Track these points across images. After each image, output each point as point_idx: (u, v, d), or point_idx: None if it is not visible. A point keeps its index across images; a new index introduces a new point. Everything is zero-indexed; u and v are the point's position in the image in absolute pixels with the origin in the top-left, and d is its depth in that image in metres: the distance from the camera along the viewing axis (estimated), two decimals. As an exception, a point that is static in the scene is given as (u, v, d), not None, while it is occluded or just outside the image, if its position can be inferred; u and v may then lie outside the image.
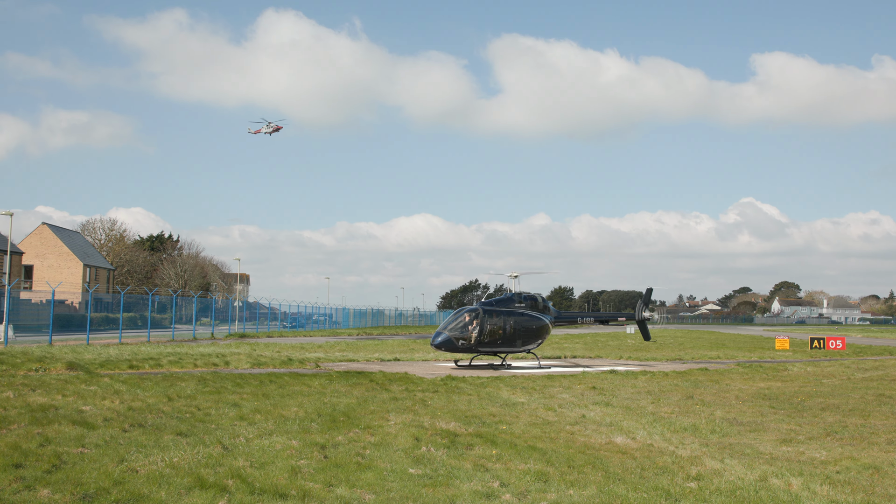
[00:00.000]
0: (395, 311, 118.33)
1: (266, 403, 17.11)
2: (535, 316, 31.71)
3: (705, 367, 30.78)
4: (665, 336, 72.19)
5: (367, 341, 51.73)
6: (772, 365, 32.74)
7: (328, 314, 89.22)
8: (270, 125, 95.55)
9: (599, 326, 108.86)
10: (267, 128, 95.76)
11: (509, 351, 31.50)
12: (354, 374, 24.54)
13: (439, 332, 30.41)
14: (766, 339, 68.25)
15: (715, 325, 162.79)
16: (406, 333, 76.21)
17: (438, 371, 28.14)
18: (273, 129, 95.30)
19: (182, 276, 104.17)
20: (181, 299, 66.44)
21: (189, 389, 19.09)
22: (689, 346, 52.05)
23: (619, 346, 49.65)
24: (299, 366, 28.15)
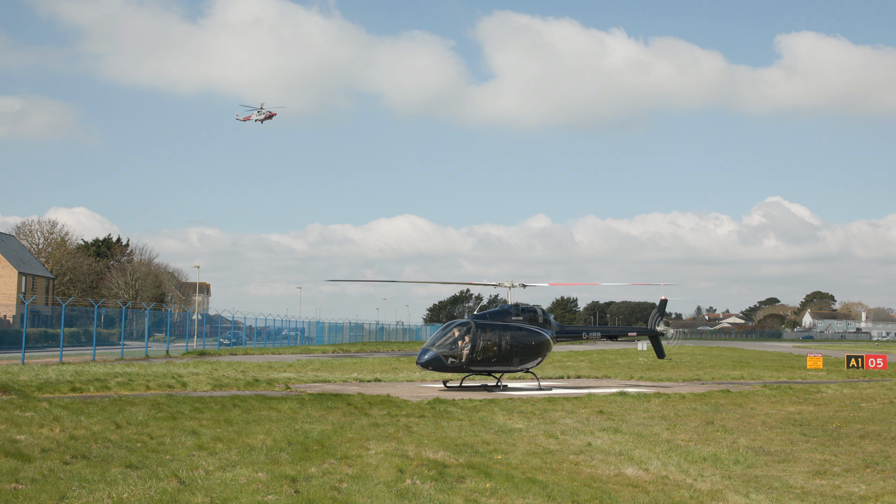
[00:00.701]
0: (375, 324, 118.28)
1: (229, 431, 17.02)
2: (534, 331, 31.71)
3: (727, 389, 30.87)
4: (682, 353, 72.39)
5: (345, 359, 51.64)
6: (803, 386, 32.86)
7: (300, 329, 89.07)
8: (262, 111, 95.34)
9: (607, 342, 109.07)
10: (258, 114, 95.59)
11: (505, 370, 31.45)
12: (330, 396, 24.47)
13: (426, 348, 30.36)
14: (796, 356, 68.52)
15: (738, 340, 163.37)
16: (388, 350, 76.05)
17: (425, 393, 28.08)
18: (266, 116, 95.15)
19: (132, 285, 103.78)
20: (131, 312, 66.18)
21: (140, 415, 18.98)
22: (708, 364, 52.18)
23: (629, 365, 49.72)
24: (267, 387, 28.04)
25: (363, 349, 76.25)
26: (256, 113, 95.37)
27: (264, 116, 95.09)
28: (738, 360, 60.78)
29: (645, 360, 55.90)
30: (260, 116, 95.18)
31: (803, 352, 79.43)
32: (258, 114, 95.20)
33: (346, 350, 71.86)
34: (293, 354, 60.65)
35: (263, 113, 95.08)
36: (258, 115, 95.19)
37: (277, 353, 63.09)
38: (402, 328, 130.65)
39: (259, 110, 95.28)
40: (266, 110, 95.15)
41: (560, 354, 64.82)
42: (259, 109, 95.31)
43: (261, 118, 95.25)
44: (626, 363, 52.32)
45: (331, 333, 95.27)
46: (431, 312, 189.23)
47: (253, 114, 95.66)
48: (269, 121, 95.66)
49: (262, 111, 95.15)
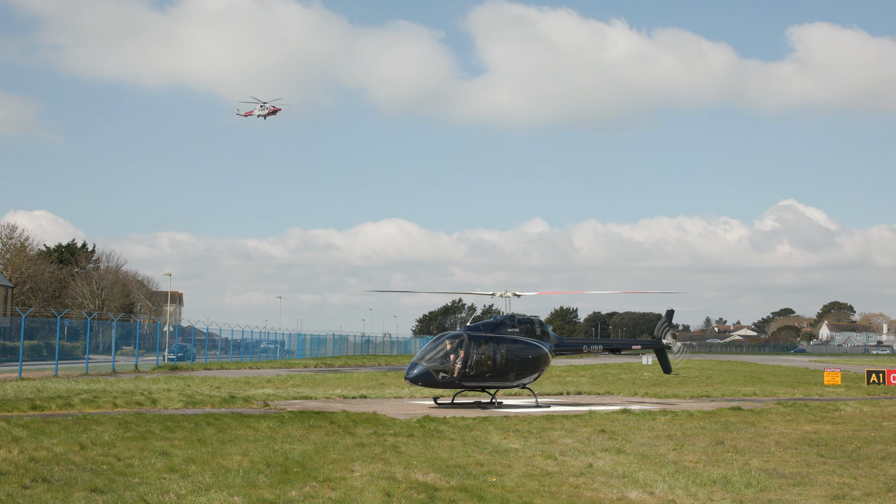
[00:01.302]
0: (361, 337, 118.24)
1: (202, 451, 16.98)
2: (531, 343, 31.72)
3: (738, 406, 30.92)
4: (689, 368, 72.51)
5: (328, 374, 51.58)
6: (820, 404, 32.94)
7: (279, 341, 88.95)
8: (265, 106, 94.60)
9: (610, 356, 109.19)
10: (260, 109, 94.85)
11: (500, 386, 31.44)
12: (312, 414, 24.44)
13: (415, 362, 30.34)
14: (812, 371, 68.70)
15: (750, 354, 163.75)
16: (375, 365, 75.98)
17: (414, 410, 28.06)
18: (269, 112, 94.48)
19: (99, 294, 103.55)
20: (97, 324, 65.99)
21: (107, 435, 18.92)
22: (718, 380, 52.27)
23: (633, 381, 49.77)
24: (244, 405, 28.00)
25: (348, 363, 76.16)
26: (259, 108, 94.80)
27: (267, 112, 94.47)
28: (749, 375, 60.89)
29: (650, 376, 55.97)
30: (263, 112, 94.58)
31: (820, 366, 79.65)
32: (261, 108, 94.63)
33: (329, 364, 71.76)
34: (272, 369, 60.54)
35: (267, 108, 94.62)
36: (261, 109, 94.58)
37: (255, 367, 62.98)
38: (390, 341, 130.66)
39: (262, 105, 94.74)
40: (270, 105, 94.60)
41: (559, 369, 64.87)
42: (262, 104, 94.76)
43: (263, 113, 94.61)
44: (629, 378, 52.38)
45: (313, 346, 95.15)
46: (421, 324, 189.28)
47: (255, 108, 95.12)
48: (272, 115, 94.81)
49: (266, 106, 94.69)
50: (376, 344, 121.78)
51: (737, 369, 72.30)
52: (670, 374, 42.08)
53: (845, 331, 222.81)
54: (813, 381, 52.32)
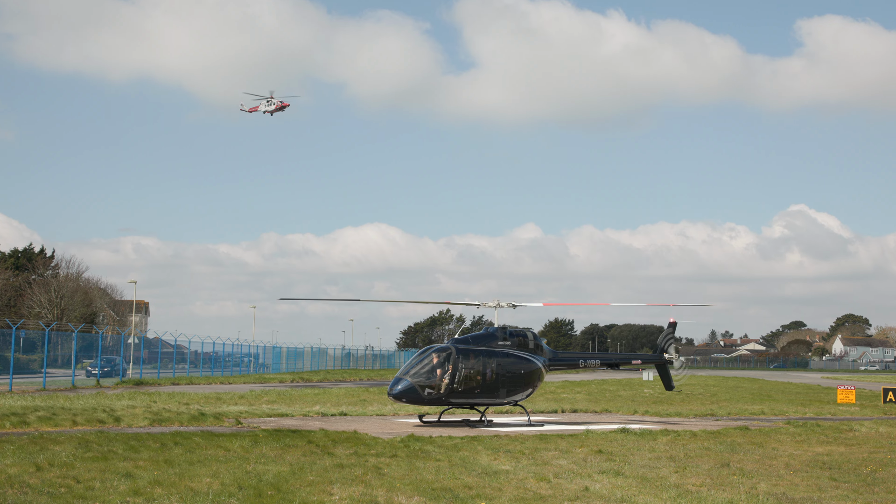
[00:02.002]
0: (341, 350, 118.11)
1: (169, 473, 16.94)
2: (524, 357, 31.74)
3: (745, 426, 31.00)
4: (693, 384, 72.66)
5: (305, 390, 51.50)
6: (833, 424, 33.04)
7: (253, 354, 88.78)
8: (272, 101, 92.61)
9: (608, 371, 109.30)
10: (267, 104, 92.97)
11: (491, 403, 31.45)
12: (287, 433, 24.40)
13: (399, 377, 30.34)
14: (824, 389, 68.92)
15: (758, 370, 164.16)
16: (356, 380, 75.88)
17: (398, 429, 28.05)
18: (276, 108, 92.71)
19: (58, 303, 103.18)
20: (56, 335, 65.73)
21: (65, 455, 18.85)
22: (724, 397, 52.39)
23: (632, 398, 49.84)
24: (214, 423, 27.94)
25: (327, 378, 76.04)
26: (265, 103, 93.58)
27: (275, 107, 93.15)
28: (757, 392, 61.06)
29: (651, 393, 56.06)
30: (269, 107, 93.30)
31: (833, 383, 79.89)
32: (267, 104, 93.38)
33: (306, 379, 71.63)
34: (245, 384, 60.41)
35: (273, 103, 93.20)
36: (267, 105, 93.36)
37: (227, 382, 62.82)
38: (373, 354, 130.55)
39: (268, 100, 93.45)
40: (277, 100, 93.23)
41: (553, 385, 64.90)
42: (268, 99, 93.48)
43: (270, 109, 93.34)
44: (629, 395, 52.45)
45: (289, 360, 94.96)
46: (406, 336, 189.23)
47: (261, 104, 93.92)
48: (279, 112, 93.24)
49: (272, 101, 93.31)
50: (357, 357, 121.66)
51: (744, 386, 72.47)
52: (672, 391, 42.16)
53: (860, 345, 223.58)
54: (825, 399, 52.48)
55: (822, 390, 65.64)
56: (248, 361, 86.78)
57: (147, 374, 66.70)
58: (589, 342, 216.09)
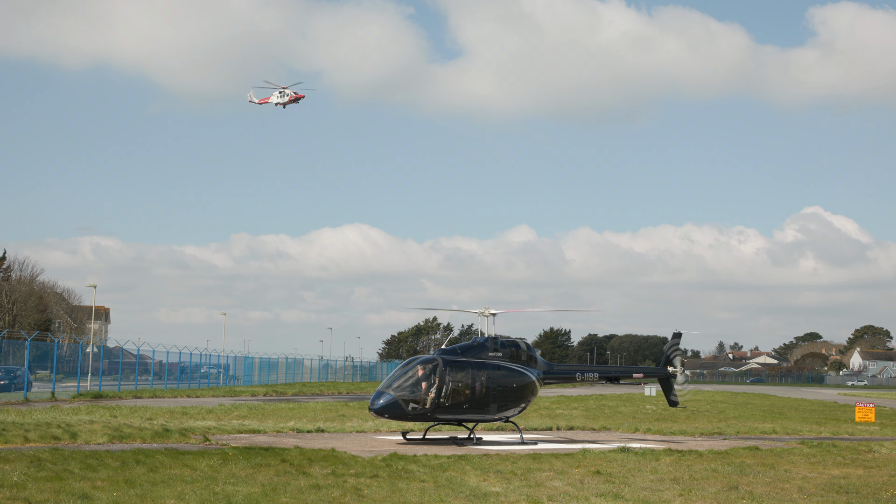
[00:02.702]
0: (318, 360, 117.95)
1: (130, 494, 16.87)
2: (516, 370, 31.75)
3: (755, 446, 31.04)
4: (699, 400, 72.75)
5: (279, 404, 51.41)
6: (850, 444, 33.10)
7: (223, 365, 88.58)
8: (285, 92, 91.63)
9: (607, 385, 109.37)
10: (280, 96, 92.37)
11: (480, 419, 31.45)
12: (259, 451, 24.34)
13: (381, 391, 30.32)
14: (841, 406, 69.08)
15: (769, 385, 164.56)
16: (334, 393, 75.77)
17: (379, 447, 28.02)
18: (290, 99, 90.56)
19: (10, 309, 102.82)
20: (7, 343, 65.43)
21: (16, 475, 18.76)
22: (732, 414, 52.47)
23: (633, 414, 49.87)
24: (180, 439, 27.86)
25: (302, 391, 75.89)
26: (278, 94, 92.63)
27: (288, 99, 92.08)
28: (769, 409, 61.17)
29: (653, 409, 56.12)
30: (282, 99, 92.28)
31: (851, 400, 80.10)
32: (280, 95, 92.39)
33: (281, 392, 71.50)
34: (214, 397, 60.25)
35: (287, 95, 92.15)
36: (280, 96, 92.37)
37: (194, 395, 62.66)
38: (353, 365, 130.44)
39: (281, 91, 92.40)
40: (290, 91, 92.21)
41: (548, 400, 64.91)
42: (281, 90, 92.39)
43: (283, 101, 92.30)
44: (629, 412, 52.49)
45: (262, 371, 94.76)
46: (389, 346, 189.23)
47: (273, 95, 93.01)
48: (293, 104, 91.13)
49: (285, 92, 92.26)
50: (336, 369, 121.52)
51: (754, 402, 72.60)
52: (677, 408, 42.15)
53: (880, 359, 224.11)
54: (842, 417, 52.59)
55: (838, 407, 65.78)
56: (218, 373, 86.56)
57: (107, 386, 66.48)
58: (587, 354, 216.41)
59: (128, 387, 68.80)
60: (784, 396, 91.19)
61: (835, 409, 64.03)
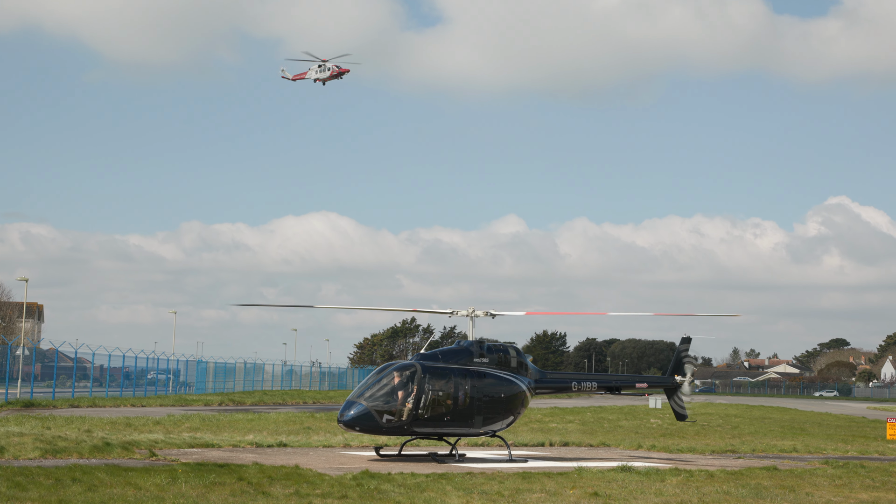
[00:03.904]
0: (282, 366, 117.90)
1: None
2: (504, 378, 31.76)
3: (774, 466, 31.14)
4: (711, 414, 72.97)
5: (237, 414, 51.33)
6: (880, 465, 33.22)
7: (173, 370, 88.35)
8: (325, 66, 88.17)
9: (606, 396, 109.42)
10: (319, 70, 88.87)
11: (463, 433, 31.48)
12: (213, 467, 24.30)
13: (352, 401, 30.30)
14: (870, 422, 69.34)
15: (790, 398, 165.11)
16: (299, 403, 75.66)
17: (349, 464, 28.02)
18: (332, 74, 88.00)
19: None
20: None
21: (-64, 491, 18.69)
22: (747, 430, 52.61)
23: (636, 429, 49.96)
24: (123, 454, 27.78)
25: (263, 400, 75.80)
26: (317, 69, 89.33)
27: (329, 74, 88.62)
28: (789, 424, 61.37)
29: (659, 423, 56.26)
30: (322, 74, 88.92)
31: (881, 415, 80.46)
32: (319, 70, 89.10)
33: (238, 402, 71.40)
34: (162, 407, 60.10)
35: (328, 69, 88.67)
36: (319, 71, 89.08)
37: (140, 404, 62.48)
38: (320, 371, 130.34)
39: (321, 65, 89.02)
40: (332, 65, 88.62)
41: (540, 412, 64.99)
42: (321, 64, 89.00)
43: (323, 76, 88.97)
44: (632, 426, 52.59)
45: (217, 377, 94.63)
46: (361, 350, 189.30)
47: (311, 70, 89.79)
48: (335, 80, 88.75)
49: (326, 66, 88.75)
50: (301, 376, 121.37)
51: (772, 417, 72.85)
52: (686, 422, 42.24)
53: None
54: (871, 434, 52.78)
55: (867, 423, 66.04)
56: (167, 379, 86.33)
57: (39, 393, 66.25)
58: (584, 360, 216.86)
59: (63, 394, 68.52)
60: (806, 410, 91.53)
61: (863, 424, 64.27)
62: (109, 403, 61.44)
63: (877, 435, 51.18)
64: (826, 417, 74.83)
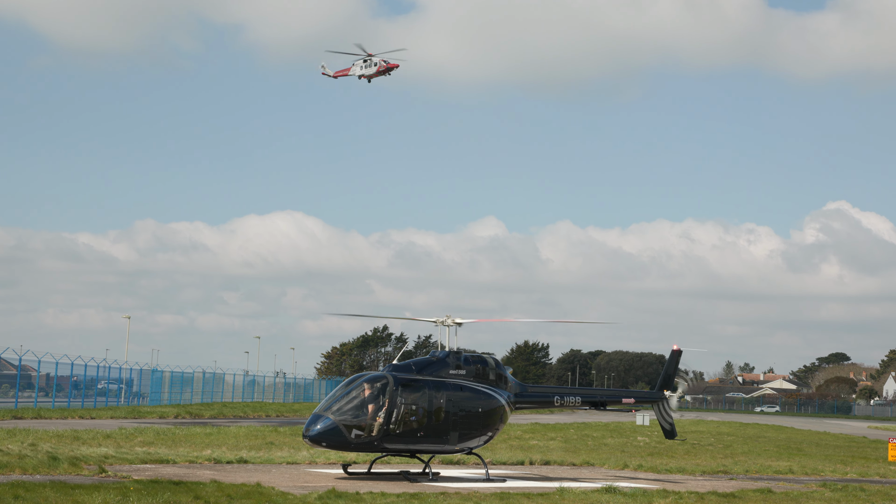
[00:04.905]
0: (243, 376, 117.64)
1: (7, 534, 16.75)
2: (482, 391, 31.76)
3: (768, 488, 31.25)
4: (702, 432, 73.19)
5: (194, 428, 51.20)
6: (881, 488, 33.39)
7: (126, 379, 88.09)
8: (371, 61, 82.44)
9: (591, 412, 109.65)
10: (365, 66, 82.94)
11: (437, 450, 31.50)
12: (168, 485, 24.24)
13: (319, 414, 30.29)
14: (871, 442, 69.66)
15: (786, 416, 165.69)
16: (261, 416, 75.57)
17: (314, 482, 28.00)
18: (378, 70, 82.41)
19: None
20: None
21: None
22: (741, 449, 52.78)
23: (622, 447, 50.05)
24: (70, 470, 27.69)
25: (223, 413, 75.65)
26: (362, 64, 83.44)
27: (376, 70, 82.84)
28: (785, 444, 61.58)
29: (646, 441, 56.38)
30: (368, 70, 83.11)
31: (883, 435, 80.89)
32: (365, 66, 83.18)
33: (196, 414, 71.23)
34: (114, 419, 59.91)
35: (374, 64, 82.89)
36: (365, 67, 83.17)
37: (89, 416, 62.27)
38: (284, 382, 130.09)
39: (367, 59, 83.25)
40: (379, 60, 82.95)
41: (520, 427, 65.05)
42: (367, 58, 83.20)
43: (370, 73, 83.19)
44: (618, 444, 52.67)
45: (173, 388, 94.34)
46: (329, 360, 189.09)
47: (356, 65, 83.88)
48: (382, 76, 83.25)
49: (372, 61, 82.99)
50: (265, 387, 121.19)
51: (767, 435, 73.12)
52: (675, 440, 42.36)
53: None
54: (872, 455, 53.00)
55: (868, 443, 66.33)
56: (119, 389, 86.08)
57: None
58: (568, 373, 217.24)
59: (6, 405, 68.26)
60: (803, 429, 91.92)
61: (864, 445, 64.56)
62: (56, 415, 61.18)
63: (878, 456, 51.39)
64: (824, 437, 75.15)
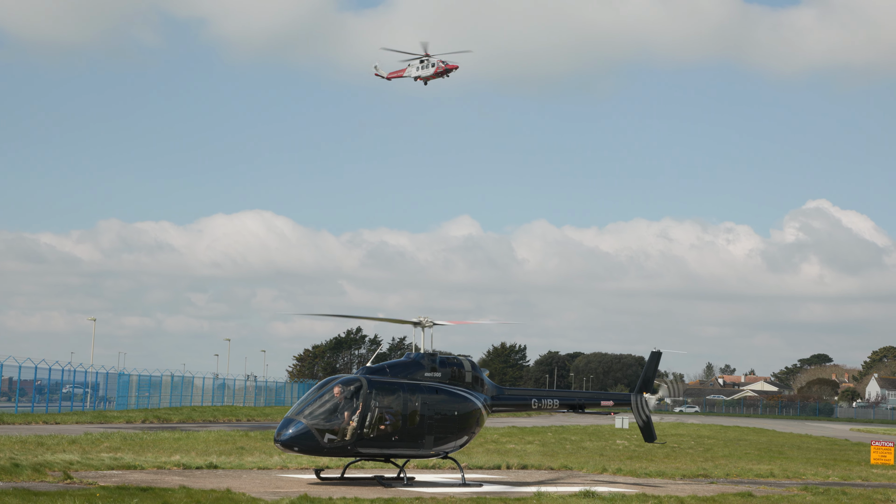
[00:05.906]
0: (213, 379, 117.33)
1: (-31, 543, 16.70)
2: (458, 394, 31.80)
3: (749, 492, 31.36)
4: (682, 435, 73.40)
5: (162, 433, 51.11)
6: (863, 491, 33.51)
7: (91, 383, 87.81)
8: (428, 61, 78.04)
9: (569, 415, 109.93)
10: (421, 67, 78.56)
11: (412, 454, 31.54)
12: (135, 491, 24.23)
13: (291, 418, 30.30)
14: (854, 444, 69.98)
15: (767, 418, 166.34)
16: (231, 420, 75.46)
17: (286, 487, 28.01)
18: (436, 71, 78.03)
19: None
20: None
21: None
22: (721, 452, 52.95)
23: (601, 451, 50.14)
24: (33, 477, 27.63)
25: (192, 417, 75.50)
26: (418, 65, 79.11)
27: (434, 71, 78.44)
28: (766, 447, 61.81)
29: (625, 445, 56.51)
30: (424, 71, 78.83)
31: (865, 437, 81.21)
32: (421, 67, 78.90)
33: (164, 419, 71.07)
34: (79, 424, 59.74)
35: (431, 64, 78.51)
36: (421, 68, 78.89)
37: (53, 421, 62.08)
38: (255, 386, 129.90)
39: (424, 60, 78.80)
40: (437, 60, 78.43)
41: (497, 431, 65.11)
42: (424, 59, 78.76)
43: (427, 74, 78.90)
44: (596, 448, 52.78)
45: (140, 392, 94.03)
46: (301, 363, 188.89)
47: (410, 66, 79.77)
48: (439, 78, 78.87)
49: (429, 62, 78.59)
50: (235, 390, 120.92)
51: (748, 438, 73.37)
52: (654, 443, 42.44)
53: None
54: (855, 457, 53.25)
55: (850, 446, 66.64)
56: (84, 393, 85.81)
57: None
58: (546, 375, 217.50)
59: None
60: (784, 432, 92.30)
61: (846, 447, 64.85)
62: (19, 420, 60.96)
63: (860, 459, 51.64)
64: (806, 440, 75.46)
